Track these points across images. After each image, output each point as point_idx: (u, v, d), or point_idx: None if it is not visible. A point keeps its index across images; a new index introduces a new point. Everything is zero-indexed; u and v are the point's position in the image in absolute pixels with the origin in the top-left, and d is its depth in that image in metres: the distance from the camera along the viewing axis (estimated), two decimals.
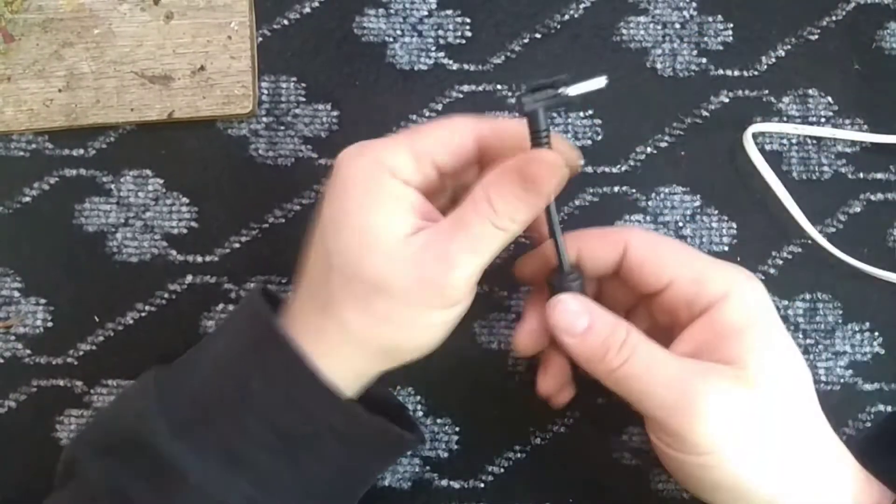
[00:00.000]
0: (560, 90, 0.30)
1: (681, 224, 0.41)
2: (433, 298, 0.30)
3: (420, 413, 0.40)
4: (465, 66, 0.43)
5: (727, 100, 0.42)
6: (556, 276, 0.33)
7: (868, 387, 0.40)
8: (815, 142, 0.42)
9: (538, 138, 0.30)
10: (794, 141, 0.42)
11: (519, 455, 0.39)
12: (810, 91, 0.42)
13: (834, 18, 0.43)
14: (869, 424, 0.39)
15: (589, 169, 0.42)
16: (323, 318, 0.31)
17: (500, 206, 0.30)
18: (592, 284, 0.35)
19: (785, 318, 0.40)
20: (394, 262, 0.30)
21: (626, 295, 0.35)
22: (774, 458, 0.30)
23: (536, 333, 0.34)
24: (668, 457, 0.31)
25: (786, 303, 0.41)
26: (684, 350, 0.32)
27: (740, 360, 0.31)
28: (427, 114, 0.42)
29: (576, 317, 0.32)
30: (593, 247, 0.33)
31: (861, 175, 0.42)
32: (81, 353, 0.41)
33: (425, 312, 0.31)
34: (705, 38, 0.43)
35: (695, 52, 0.43)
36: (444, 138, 0.32)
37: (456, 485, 0.39)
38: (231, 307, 0.41)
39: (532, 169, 0.30)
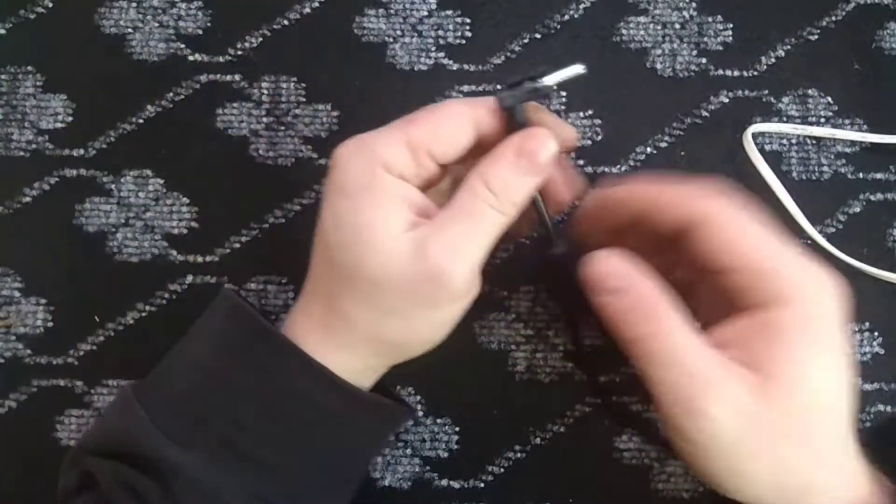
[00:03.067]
0: (537, 82, 0.31)
1: None
2: (438, 292, 0.30)
3: (420, 413, 0.40)
4: (465, 66, 0.43)
5: (727, 100, 0.42)
6: (550, 252, 0.33)
7: (868, 387, 0.40)
8: (814, 142, 0.42)
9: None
10: (793, 141, 0.42)
11: (519, 455, 0.39)
12: (810, 91, 0.42)
13: (834, 18, 0.43)
14: (868, 425, 0.39)
15: (589, 169, 0.42)
16: (329, 315, 0.31)
17: (499, 189, 0.30)
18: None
19: None
20: (392, 259, 0.30)
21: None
22: (781, 475, 0.29)
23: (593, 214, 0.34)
24: (678, 445, 0.30)
25: None
26: (721, 336, 0.30)
27: (768, 367, 0.28)
28: None
29: (614, 276, 0.30)
30: (660, 212, 0.31)
31: (861, 175, 0.42)
32: (81, 353, 0.41)
33: (430, 307, 0.31)
34: (705, 39, 0.43)
35: (695, 53, 0.43)
36: (439, 128, 0.32)
37: (456, 485, 0.39)
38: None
39: (525, 145, 0.30)
